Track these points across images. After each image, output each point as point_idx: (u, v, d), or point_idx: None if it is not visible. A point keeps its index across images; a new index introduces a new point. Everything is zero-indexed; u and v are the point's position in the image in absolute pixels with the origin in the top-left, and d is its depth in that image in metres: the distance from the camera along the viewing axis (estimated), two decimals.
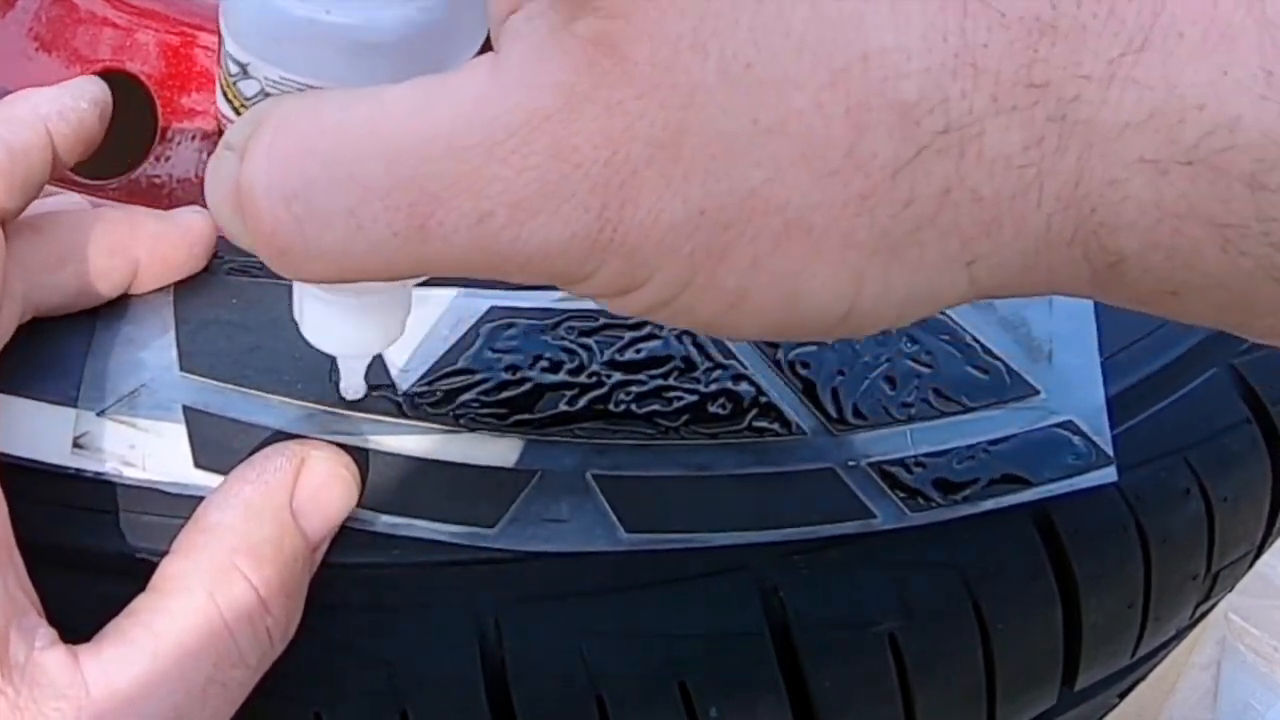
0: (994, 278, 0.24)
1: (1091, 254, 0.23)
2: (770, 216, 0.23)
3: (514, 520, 0.35)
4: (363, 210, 0.23)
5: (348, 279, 0.24)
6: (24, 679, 0.30)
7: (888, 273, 0.24)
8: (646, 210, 0.23)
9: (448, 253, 0.23)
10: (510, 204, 0.22)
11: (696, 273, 0.23)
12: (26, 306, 0.35)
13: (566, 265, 0.23)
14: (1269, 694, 0.84)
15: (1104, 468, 0.38)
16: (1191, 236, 0.22)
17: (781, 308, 0.24)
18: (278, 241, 0.24)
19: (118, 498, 0.35)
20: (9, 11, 0.57)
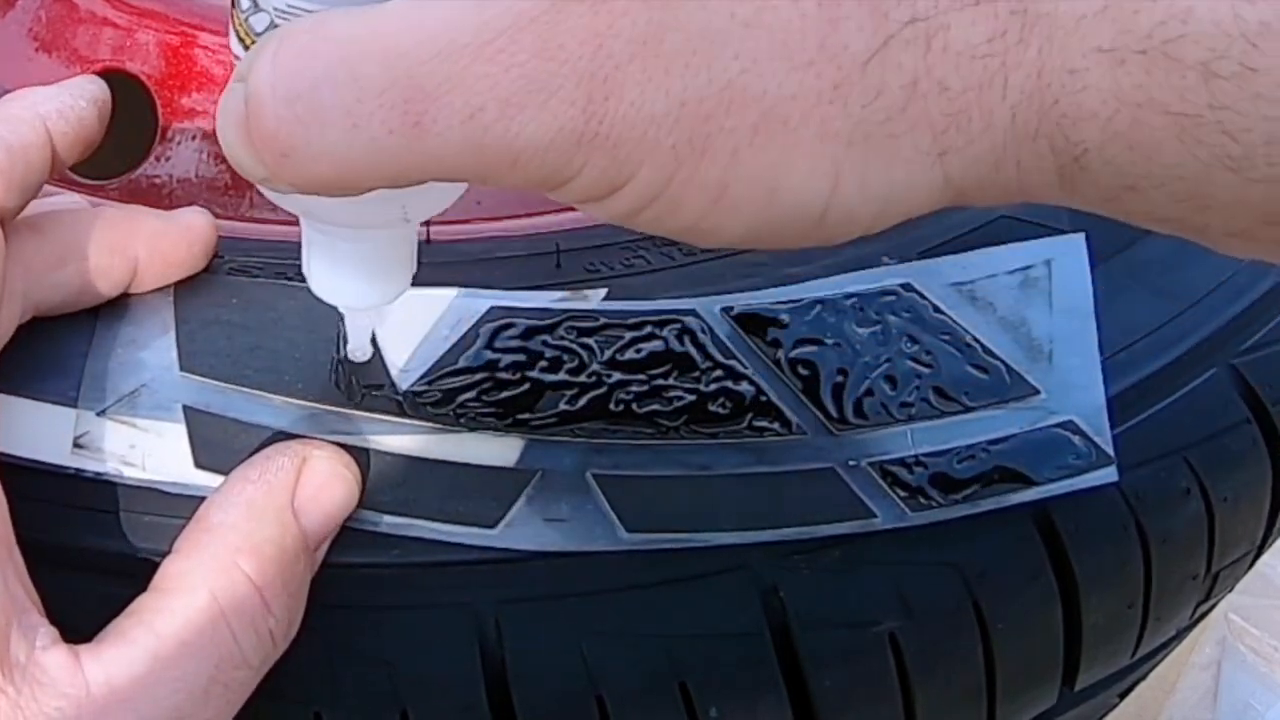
0: (966, 174, 0.25)
1: (1057, 146, 0.24)
2: (748, 108, 0.24)
3: (514, 520, 0.35)
4: (360, 109, 0.24)
5: (347, 184, 0.25)
6: (25, 678, 0.30)
7: (864, 166, 0.25)
8: (629, 104, 0.24)
9: (441, 150, 0.24)
10: (499, 100, 0.23)
11: (679, 166, 0.24)
12: (27, 305, 0.35)
13: (554, 162, 0.24)
14: (1269, 694, 0.84)
15: (1104, 468, 0.38)
16: (1149, 126, 0.23)
17: (761, 203, 0.25)
18: (280, 143, 0.25)
19: (118, 498, 0.35)
20: (9, 11, 0.57)
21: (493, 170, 0.24)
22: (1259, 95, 0.22)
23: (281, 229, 0.43)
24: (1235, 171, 0.23)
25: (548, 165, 0.24)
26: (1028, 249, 0.40)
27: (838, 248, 0.41)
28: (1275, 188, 0.23)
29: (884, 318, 0.38)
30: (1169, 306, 0.42)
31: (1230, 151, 0.23)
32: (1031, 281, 0.39)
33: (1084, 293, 0.39)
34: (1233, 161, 0.23)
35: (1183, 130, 0.23)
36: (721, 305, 0.37)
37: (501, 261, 0.40)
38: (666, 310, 0.37)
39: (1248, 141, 0.23)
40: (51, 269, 0.35)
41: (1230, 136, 0.23)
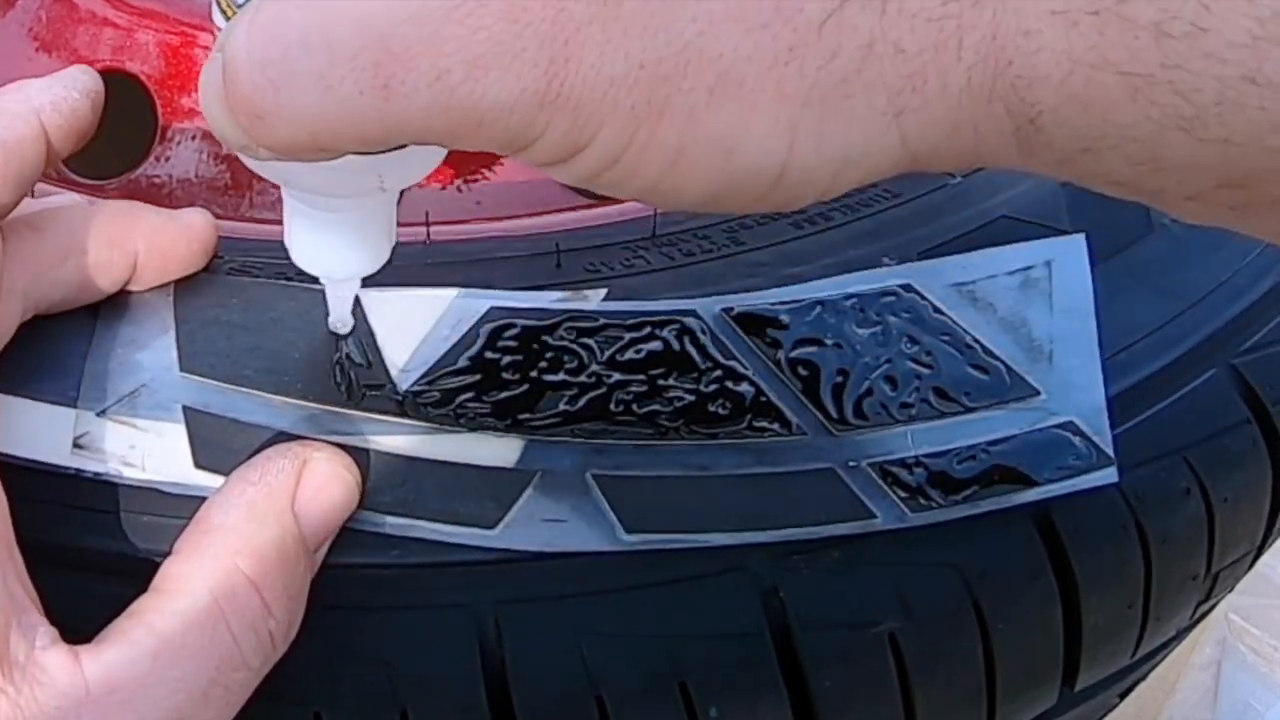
0: (924, 137, 0.25)
1: (1012, 108, 0.24)
2: (705, 69, 0.24)
3: (514, 520, 0.35)
4: (332, 72, 0.24)
5: (320, 145, 0.26)
6: (24, 678, 0.30)
7: (820, 127, 0.25)
8: (590, 65, 0.24)
9: (410, 111, 0.25)
10: (466, 61, 0.24)
11: (639, 128, 0.25)
12: (28, 304, 0.35)
13: (519, 123, 0.25)
14: (1269, 694, 0.84)
15: (1105, 468, 0.38)
16: (1103, 86, 0.23)
17: (719, 163, 0.25)
18: (255, 106, 0.25)
19: (118, 498, 0.35)
20: (9, 11, 0.57)
21: (459, 131, 0.25)
22: (1209, 55, 0.23)
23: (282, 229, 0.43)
24: (1188, 132, 0.23)
25: (512, 126, 0.25)
26: (1028, 249, 0.40)
27: (838, 248, 0.41)
28: (1227, 148, 0.24)
29: (884, 318, 0.38)
30: (1169, 306, 0.42)
31: (1182, 112, 0.23)
32: (1032, 282, 0.39)
33: (1084, 293, 0.39)
34: (1185, 122, 0.23)
35: (1136, 91, 0.23)
36: (721, 306, 0.37)
37: (501, 261, 0.40)
38: (666, 311, 0.37)
39: (1199, 101, 0.23)
40: (52, 265, 0.35)
41: (1182, 96, 0.23)
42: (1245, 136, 0.23)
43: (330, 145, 0.26)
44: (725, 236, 0.41)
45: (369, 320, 0.36)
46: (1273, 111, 0.23)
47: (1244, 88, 0.23)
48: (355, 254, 0.32)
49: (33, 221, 0.35)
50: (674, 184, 0.26)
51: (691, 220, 0.42)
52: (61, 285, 0.35)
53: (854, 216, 0.42)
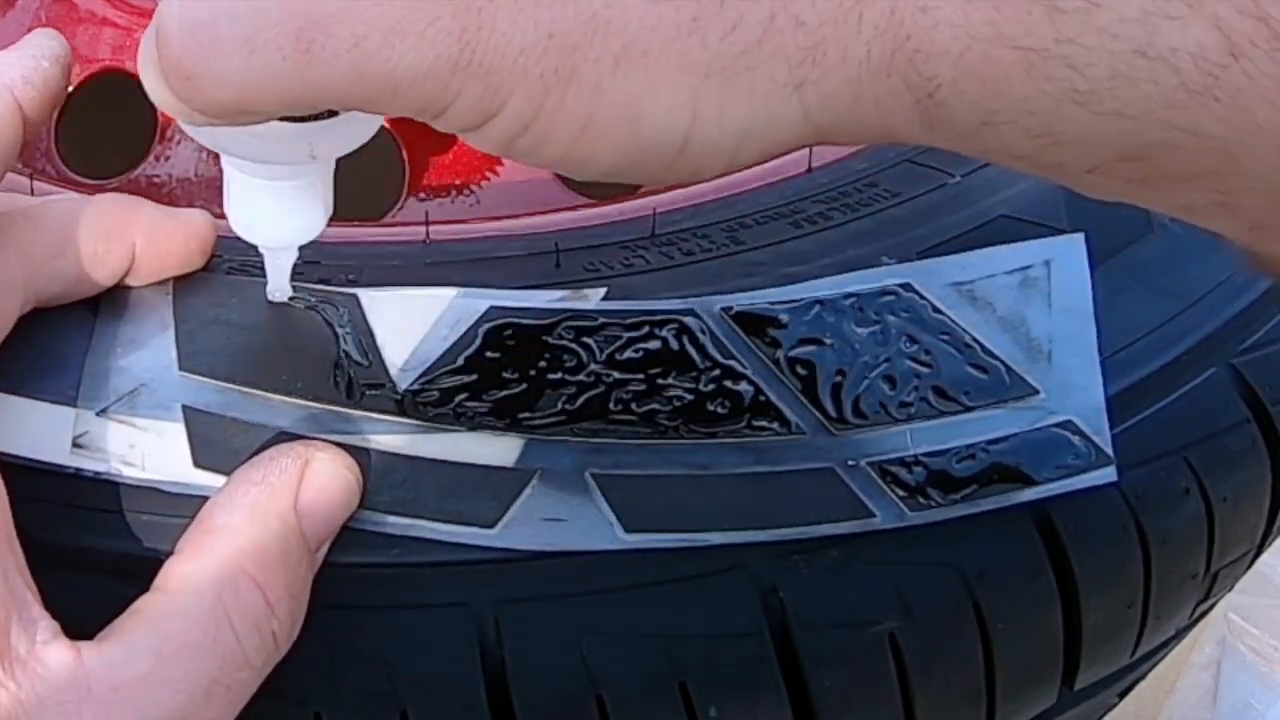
0: (825, 109, 0.26)
1: (911, 83, 0.25)
2: (611, 39, 0.25)
3: (513, 520, 0.35)
4: (257, 36, 0.26)
5: (246, 107, 0.27)
6: (25, 672, 0.30)
7: (722, 97, 0.26)
8: (501, 34, 0.25)
9: (329, 76, 0.26)
10: (383, 29, 0.25)
11: (547, 95, 0.26)
12: (28, 297, 0.35)
13: (433, 89, 0.26)
14: (1269, 694, 0.84)
15: (1104, 467, 0.38)
16: (999, 61, 0.24)
17: (625, 132, 0.26)
18: (184, 67, 0.27)
19: (118, 498, 0.35)
20: (9, 11, 0.57)
21: (376, 96, 0.26)
22: (1102, 29, 0.23)
23: None
24: (1083, 105, 0.24)
25: (426, 92, 0.26)
26: (1027, 249, 0.40)
27: (837, 248, 0.41)
28: (1123, 122, 0.24)
29: (883, 318, 0.38)
30: (1169, 306, 0.42)
31: (1077, 85, 0.24)
32: (1031, 281, 0.39)
33: (1083, 293, 0.39)
34: (1080, 96, 0.24)
35: (1031, 65, 0.24)
36: (720, 305, 0.37)
37: (501, 261, 0.40)
38: (665, 310, 0.37)
39: (1093, 75, 0.24)
40: (49, 258, 0.35)
41: (1076, 70, 0.24)
42: (1139, 110, 0.24)
43: (255, 108, 0.27)
44: (725, 236, 0.41)
45: (368, 319, 0.36)
46: (1165, 85, 0.23)
47: (1136, 62, 0.23)
48: (291, 223, 0.33)
49: (29, 214, 0.35)
50: (583, 152, 0.27)
51: (691, 220, 0.42)
52: (59, 278, 0.35)
53: (853, 216, 0.42)
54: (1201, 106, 0.23)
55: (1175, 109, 0.23)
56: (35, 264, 0.34)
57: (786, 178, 0.45)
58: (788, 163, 0.46)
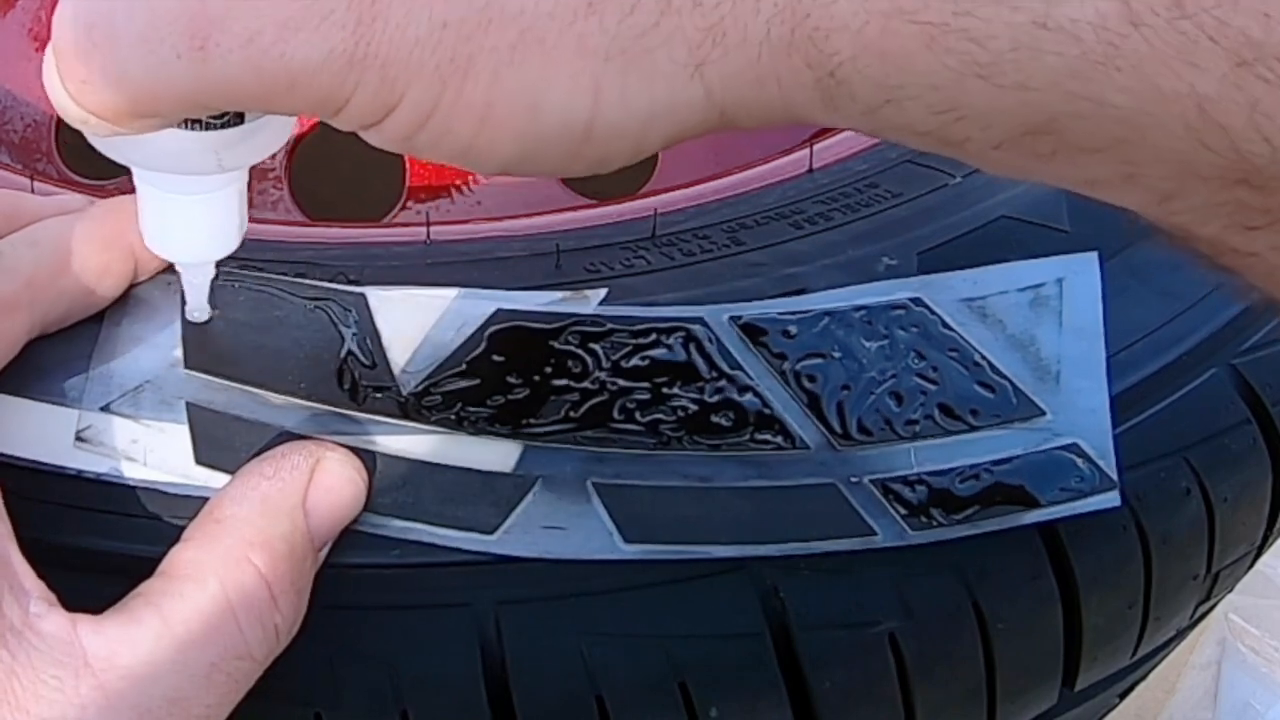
0: (728, 90, 0.26)
1: (812, 60, 0.25)
2: (506, 27, 0.25)
3: (513, 527, 0.35)
4: (152, 34, 0.25)
5: (142, 108, 0.27)
6: (20, 643, 0.30)
7: (623, 80, 0.26)
8: (395, 25, 0.25)
9: (224, 73, 0.25)
10: (277, 23, 0.25)
11: (445, 87, 0.26)
12: (34, 320, 0.35)
13: (328, 84, 0.25)
14: (1269, 694, 0.84)
15: (1108, 492, 0.38)
16: (899, 35, 0.24)
17: (525, 121, 0.26)
18: (79, 70, 0.26)
19: (118, 497, 0.35)
20: (9, 11, 0.57)
21: (273, 93, 0.26)
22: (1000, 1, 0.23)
23: (283, 229, 0.43)
24: (985, 79, 0.24)
25: (322, 87, 0.26)
26: (1040, 266, 0.39)
27: (837, 248, 0.41)
28: (1026, 94, 0.24)
29: (892, 332, 0.38)
30: (1169, 306, 0.42)
31: (978, 58, 0.24)
32: (1043, 300, 0.39)
33: (1094, 313, 0.39)
34: (982, 69, 0.24)
35: (931, 39, 0.24)
36: (729, 314, 0.37)
37: (501, 261, 0.40)
38: (673, 318, 0.37)
39: (994, 48, 0.23)
40: (52, 278, 0.35)
41: (977, 43, 0.23)
42: (1042, 82, 0.24)
43: (153, 110, 0.27)
44: (725, 236, 0.41)
45: (375, 320, 0.36)
46: (1068, 56, 0.23)
47: (1037, 33, 0.23)
48: (203, 238, 0.33)
49: (28, 237, 0.35)
50: (485, 144, 0.27)
51: (691, 221, 0.42)
52: (65, 296, 0.35)
53: (854, 216, 0.42)
54: (1104, 77, 0.23)
55: (1078, 79, 0.23)
56: (39, 286, 0.35)
57: (787, 178, 0.45)
58: (788, 164, 0.46)
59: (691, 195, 0.44)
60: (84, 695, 0.30)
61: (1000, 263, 0.40)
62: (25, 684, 0.29)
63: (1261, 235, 0.25)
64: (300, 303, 0.37)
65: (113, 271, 0.36)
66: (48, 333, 0.35)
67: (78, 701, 0.30)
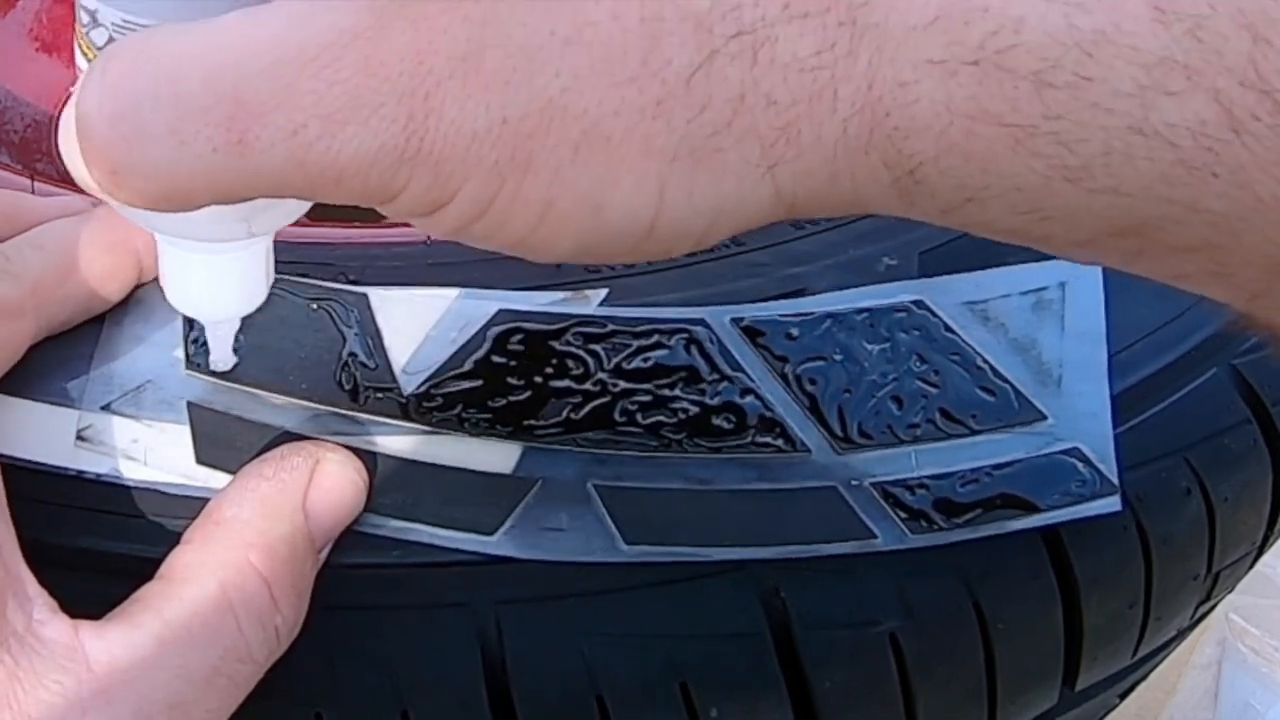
0: (799, 186, 0.25)
1: (890, 160, 0.24)
2: (570, 125, 0.24)
3: (513, 528, 0.35)
4: (185, 127, 0.24)
5: (177, 200, 0.25)
6: (23, 648, 0.30)
7: (691, 180, 0.25)
8: (450, 121, 0.24)
9: (266, 167, 0.24)
10: (322, 116, 0.23)
11: (504, 183, 0.24)
12: (40, 324, 0.35)
13: (379, 179, 0.24)
14: (1269, 694, 0.84)
15: (1109, 496, 0.38)
16: (983, 137, 0.23)
17: (588, 218, 0.25)
18: (108, 161, 0.25)
19: (118, 497, 0.35)
20: (9, 11, 0.57)
21: (318, 186, 0.25)
22: (1095, 105, 0.22)
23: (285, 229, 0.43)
24: (1074, 183, 0.23)
25: (371, 182, 0.24)
26: (1043, 270, 0.39)
27: (838, 248, 0.41)
28: (1116, 198, 0.23)
29: (894, 335, 0.38)
30: (1169, 306, 0.42)
31: (1068, 162, 0.23)
32: (1045, 303, 0.39)
33: (1097, 317, 0.39)
34: (1070, 172, 0.23)
35: (1018, 142, 0.23)
36: (731, 316, 0.37)
37: (501, 261, 0.40)
38: (675, 319, 0.37)
39: (1085, 152, 0.23)
40: (57, 282, 0.35)
41: (1066, 147, 0.23)
42: (1134, 187, 0.23)
43: (187, 199, 0.25)
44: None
45: (376, 320, 0.36)
46: (1162, 162, 0.22)
47: (1131, 138, 0.22)
48: (229, 296, 0.32)
49: (33, 240, 0.35)
50: (544, 237, 0.25)
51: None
52: (70, 300, 0.35)
53: (854, 216, 0.42)
54: (1200, 182, 0.22)
55: (1173, 185, 0.22)
56: (45, 291, 0.34)
57: None
58: None
59: None
60: (85, 699, 0.30)
61: (1001, 264, 0.40)
62: (27, 688, 0.29)
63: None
64: (302, 303, 0.37)
65: (118, 276, 0.36)
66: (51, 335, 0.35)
67: (79, 706, 0.30)
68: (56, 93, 0.54)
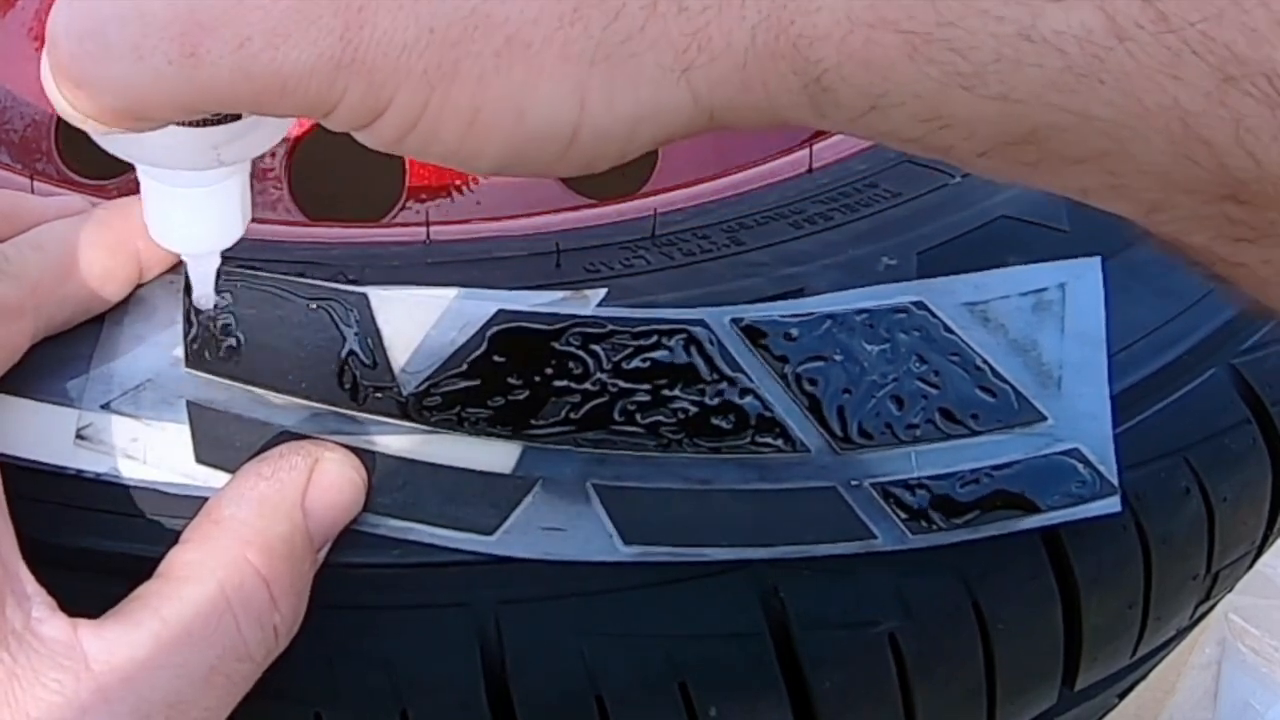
0: (715, 93, 0.26)
1: (797, 67, 0.25)
2: (492, 33, 0.25)
3: (512, 528, 0.35)
4: (144, 42, 0.26)
5: (137, 113, 0.27)
6: (21, 647, 0.30)
7: (609, 85, 0.26)
8: (382, 31, 0.25)
9: (215, 79, 0.26)
10: (266, 30, 0.25)
11: (433, 91, 0.26)
12: (38, 324, 0.35)
13: (318, 88, 0.26)
14: (1269, 694, 0.84)
15: (1108, 497, 0.38)
16: (882, 45, 0.24)
17: (511, 125, 0.26)
18: (74, 75, 0.27)
19: (118, 497, 0.35)
20: (9, 11, 0.57)
21: (264, 97, 0.26)
22: (985, 12, 0.23)
23: (285, 229, 0.43)
24: (968, 90, 0.24)
25: (311, 91, 0.26)
26: (1043, 271, 0.39)
27: (837, 248, 0.41)
28: (1008, 105, 0.24)
29: (894, 335, 0.38)
30: (1169, 306, 0.42)
31: (960, 69, 0.24)
32: (1045, 305, 0.39)
33: (1097, 319, 0.39)
34: (964, 79, 0.24)
35: (914, 49, 0.24)
36: (731, 316, 0.37)
37: (501, 261, 0.40)
38: (675, 320, 0.37)
39: (977, 59, 0.23)
40: (57, 283, 0.35)
41: (959, 54, 0.23)
42: (1025, 93, 0.23)
43: (147, 114, 0.27)
44: (725, 236, 0.41)
45: (376, 320, 0.36)
46: (1050, 68, 0.23)
47: (1020, 45, 0.23)
48: (207, 229, 0.33)
49: (34, 241, 0.35)
50: (473, 147, 0.27)
51: (691, 220, 0.42)
52: (70, 301, 0.35)
53: (854, 216, 0.42)
54: (1089, 90, 0.23)
55: (1061, 92, 0.23)
56: (45, 292, 0.35)
57: (787, 178, 0.45)
58: (788, 163, 0.46)
59: (691, 195, 0.44)
60: (84, 698, 0.30)
61: (1000, 263, 0.40)
62: (26, 687, 0.30)
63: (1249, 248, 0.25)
64: (301, 302, 0.37)
65: (118, 276, 0.36)
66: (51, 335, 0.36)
67: (78, 704, 0.30)
68: None
